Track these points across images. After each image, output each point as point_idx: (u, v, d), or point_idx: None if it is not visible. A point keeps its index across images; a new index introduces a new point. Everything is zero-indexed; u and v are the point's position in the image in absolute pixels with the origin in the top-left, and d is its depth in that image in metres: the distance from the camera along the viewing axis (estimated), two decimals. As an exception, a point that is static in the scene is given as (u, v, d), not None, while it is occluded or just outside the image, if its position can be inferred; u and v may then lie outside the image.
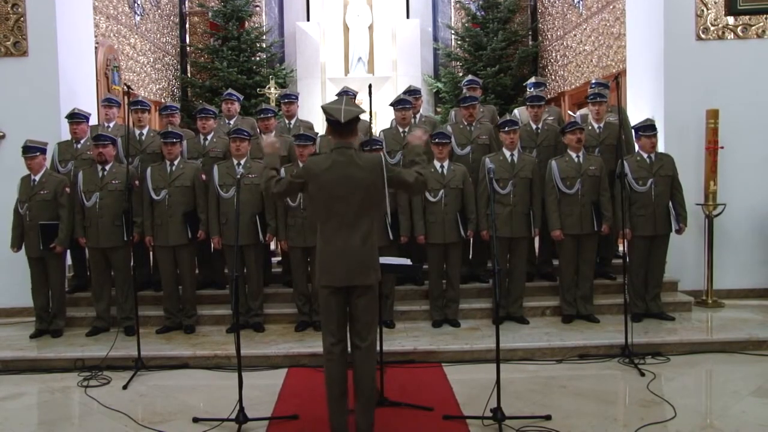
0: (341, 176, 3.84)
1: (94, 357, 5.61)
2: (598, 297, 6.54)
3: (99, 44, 8.83)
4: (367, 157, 3.95)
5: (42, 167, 6.23)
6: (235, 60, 12.55)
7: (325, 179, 3.86)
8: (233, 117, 7.40)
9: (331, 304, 3.94)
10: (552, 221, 6.24)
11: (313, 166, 3.94)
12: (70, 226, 6.19)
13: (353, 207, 3.86)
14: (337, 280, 3.88)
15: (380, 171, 3.88)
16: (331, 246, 3.89)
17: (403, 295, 6.67)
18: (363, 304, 3.93)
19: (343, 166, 3.85)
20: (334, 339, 3.96)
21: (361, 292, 3.91)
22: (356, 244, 3.86)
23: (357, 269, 3.87)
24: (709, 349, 5.69)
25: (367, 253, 3.90)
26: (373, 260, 3.93)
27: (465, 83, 7.48)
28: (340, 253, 3.86)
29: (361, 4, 13.63)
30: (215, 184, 6.19)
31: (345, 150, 3.89)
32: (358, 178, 3.85)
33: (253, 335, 6.13)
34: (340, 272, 3.86)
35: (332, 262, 3.88)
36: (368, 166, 3.88)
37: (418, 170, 4.03)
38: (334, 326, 3.96)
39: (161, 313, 6.38)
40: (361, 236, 3.88)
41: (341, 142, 3.91)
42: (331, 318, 3.96)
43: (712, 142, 6.97)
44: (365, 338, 3.95)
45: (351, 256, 3.86)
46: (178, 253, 6.22)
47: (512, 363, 5.44)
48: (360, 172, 3.85)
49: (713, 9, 7.19)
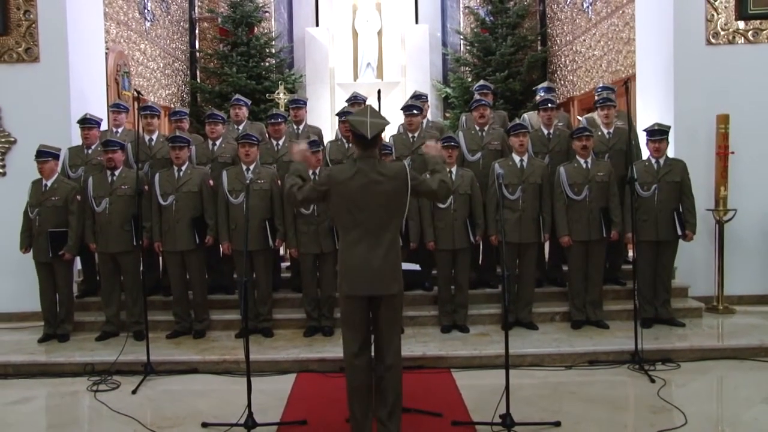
0: (365, 185, 3.84)
1: (103, 361, 5.63)
2: (608, 303, 6.51)
3: (109, 50, 8.88)
4: (391, 166, 3.95)
5: (54, 172, 6.26)
6: (244, 65, 12.58)
7: (349, 188, 3.86)
8: (242, 122, 7.42)
9: (354, 313, 3.94)
10: (560, 227, 6.22)
11: (337, 174, 3.94)
12: (79, 233, 6.21)
13: (377, 216, 3.85)
14: (360, 289, 3.88)
15: (405, 180, 3.88)
16: (354, 255, 3.89)
17: (412, 300, 6.66)
18: (386, 314, 3.93)
19: (367, 174, 3.85)
20: (356, 348, 3.96)
21: (384, 302, 3.91)
22: (380, 254, 3.86)
23: (381, 278, 3.86)
24: (720, 356, 5.65)
25: (390, 262, 3.89)
26: (396, 269, 3.93)
27: (476, 88, 7.47)
28: (363, 263, 3.86)
29: (370, 10, 13.65)
30: (224, 189, 6.20)
31: (368, 159, 3.89)
32: (382, 187, 3.84)
33: (261, 340, 6.13)
34: (363, 281, 3.86)
35: (356, 272, 3.88)
36: (392, 174, 3.87)
37: (442, 178, 4.03)
38: (357, 336, 3.96)
39: (170, 318, 6.39)
40: (385, 245, 3.87)
41: (365, 152, 3.91)
42: (353, 327, 3.96)
43: (723, 147, 6.94)
44: (389, 350, 3.95)
45: (375, 265, 3.85)
46: (186, 258, 6.23)
47: (521, 369, 5.44)
48: (384, 180, 3.85)
49: (723, 13, 7.16)
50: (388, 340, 3.96)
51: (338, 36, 13.51)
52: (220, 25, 13.20)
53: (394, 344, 3.98)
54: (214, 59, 13.13)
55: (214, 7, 13.38)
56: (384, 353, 3.96)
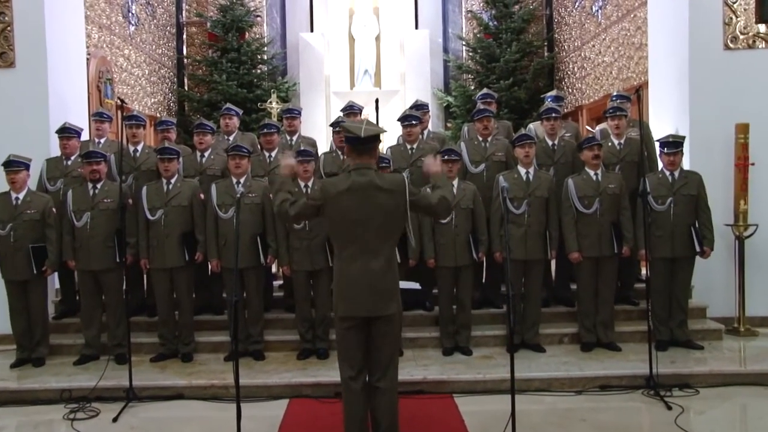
0: (361, 199, 3.85)
1: (82, 387, 5.60)
2: (620, 323, 6.51)
3: (91, 55, 8.92)
4: (389, 179, 3.96)
5: (25, 184, 6.25)
6: (234, 72, 12.64)
7: (343, 202, 3.87)
8: (232, 133, 7.44)
9: (349, 335, 3.95)
10: (569, 243, 6.24)
11: (330, 187, 3.94)
12: (58, 249, 6.21)
13: (374, 231, 3.86)
14: (356, 310, 3.89)
15: (403, 194, 3.89)
16: (350, 273, 3.90)
17: (412, 321, 6.66)
18: (383, 336, 3.94)
19: (362, 187, 3.85)
20: (353, 372, 3.97)
21: (381, 323, 3.92)
22: (377, 272, 3.87)
23: (378, 298, 3.88)
24: (742, 381, 5.64)
25: (388, 281, 3.91)
26: (394, 288, 3.94)
27: (479, 97, 7.51)
28: (359, 281, 3.87)
29: (368, 14, 13.73)
30: (213, 203, 6.22)
31: (365, 170, 3.89)
32: (379, 201, 3.85)
33: (252, 364, 6.12)
34: (359, 301, 3.87)
35: (351, 291, 3.89)
36: (391, 188, 3.88)
37: (442, 193, 4.04)
38: (353, 358, 3.97)
39: (155, 340, 6.39)
40: (383, 263, 3.89)
41: (360, 162, 3.91)
42: (349, 349, 3.97)
43: (742, 158, 6.95)
44: (385, 373, 3.96)
45: (371, 284, 3.86)
46: (175, 276, 6.24)
47: (528, 394, 5.43)
48: (381, 194, 3.86)
49: (743, 16, 7.18)
50: (385, 363, 3.97)
51: (334, 42, 13.59)
52: (209, 29, 13.26)
53: (391, 368, 3.99)
54: (203, 66, 13.19)
55: (202, 11, 13.46)
56: (379, 377, 3.97)
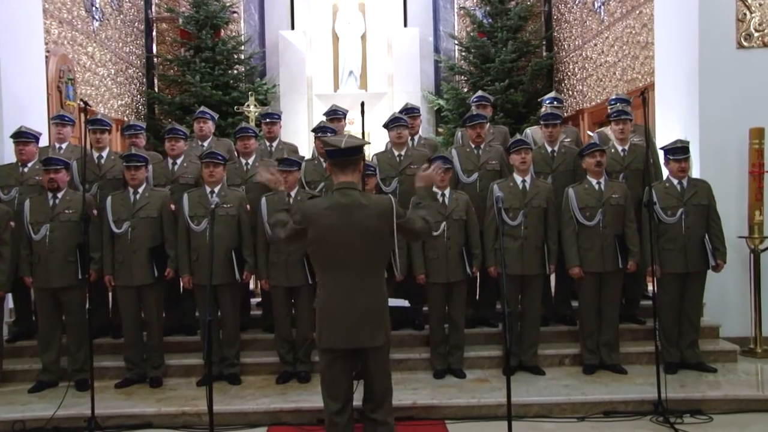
0: (344, 220, 3.84)
1: (37, 417, 5.51)
2: (625, 344, 6.51)
3: (50, 53, 8.88)
4: (375, 200, 3.96)
5: None
6: (209, 73, 12.64)
7: (325, 223, 3.86)
8: (207, 138, 7.41)
9: (333, 367, 3.94)
10: (570, 257, 6.22)
11: (311, 208, 3.94)
12: (12, 266, 6.11)
13: (358, 255, 3.85)
14: (339, 342, 3.87)
15: (390, 218, 3.88)
16: (333, 301, 3.89)
17: (400, 341, 6.62)
18: (373, 368, 3.95)
19: (345, 208, 3.84)
20: (338, 405, 3.95)
21: (369, 354, 3.91)
22: (362, 299, 3.86)
23: (364, 328, 3.86)
24: (759, 408, 5.63)
25: (375, 309, 3.90)
26: (382, 317, 3.93)
27: (474, 100, 7.53)
28: (343, 309, 3.86)
29: (353, 11, 13.75)
30: (185, 215, 6.17)
31: (348, 190, 3.88)
32: (364, 224, 3.84)
33: (227, 388, 6.08)
34: (343, 332, 3.86)
35: (335, 320, 3.88)
36: (377, 210, 3.87)
37: (424, 215, 4.04)
38: (338, 392, 3.96)
39: (121, 364, 6.32)
40: (369, 289, 3.88)
41: (344, 181, 3.90)
42: (333, 383, 3.96)
43: (757, 166, 6.97)
44: (381, 405, 3.97)
45: (356, 312, 3.85)
46: (142, 293, 6.17)
47: (526, 420, 5.42)
48: (366, 216, 3.85)
49: (758, 12, 7.17)
50: (380, 396, 3.98)
51: (316, 40, 13.61)
52: (181, 26, 13.29)
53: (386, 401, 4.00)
54: (175, 66, 13.18)
55: (174, 6, 13.47)
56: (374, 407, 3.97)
